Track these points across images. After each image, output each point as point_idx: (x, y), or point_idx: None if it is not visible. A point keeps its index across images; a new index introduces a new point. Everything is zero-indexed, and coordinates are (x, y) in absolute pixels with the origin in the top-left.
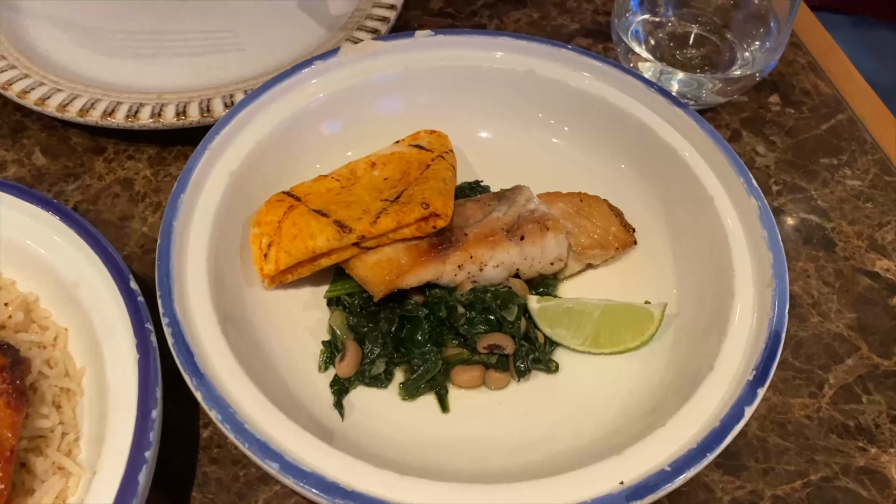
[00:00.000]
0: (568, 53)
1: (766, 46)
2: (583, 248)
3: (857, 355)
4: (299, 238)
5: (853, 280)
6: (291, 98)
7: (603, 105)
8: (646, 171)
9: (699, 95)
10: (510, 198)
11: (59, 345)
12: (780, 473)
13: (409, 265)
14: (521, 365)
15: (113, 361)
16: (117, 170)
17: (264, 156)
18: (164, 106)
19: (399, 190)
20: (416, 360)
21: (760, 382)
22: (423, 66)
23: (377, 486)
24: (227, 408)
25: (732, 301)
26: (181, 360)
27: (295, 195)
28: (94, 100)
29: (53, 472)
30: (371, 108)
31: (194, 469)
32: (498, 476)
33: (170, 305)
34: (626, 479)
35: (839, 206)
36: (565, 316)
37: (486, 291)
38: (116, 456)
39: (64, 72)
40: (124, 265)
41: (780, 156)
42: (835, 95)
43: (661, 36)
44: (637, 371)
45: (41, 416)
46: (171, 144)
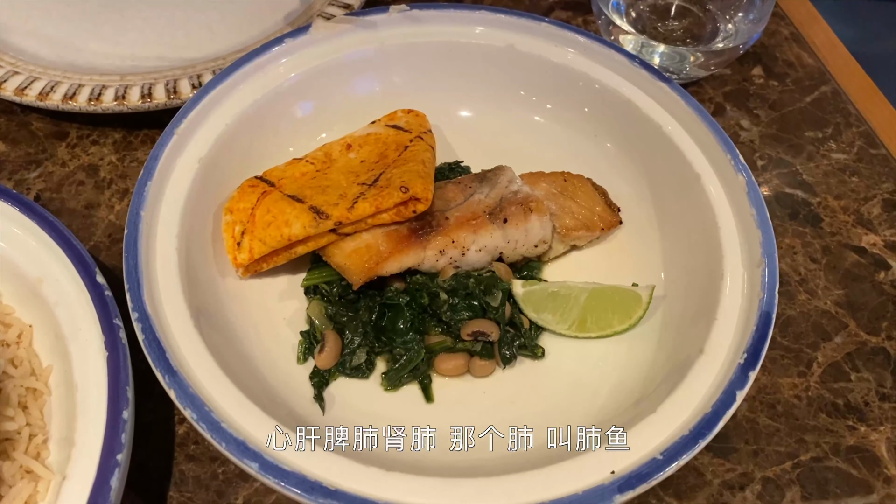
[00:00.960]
0: (548, 28)
1: (749, 18)
2: (567, 229)
3: (844, 332)
4: (274, 225)
5: (840, 256)
6: (262, 78)
7: (586, 81)
8: (630, 149)
9: (682, 69)
10: (492, 179)
11: (23, 342)
12: (770, 455)
13: (388, 251)
14: (507, 351)
15: (81, 359)
16: (81, 156)
17: (235, 139)
18: (129, 88)
19: (376, 173)
20: (398, 349)
21: (752, 366)
22: (398, 43)
23: (363, 484)
24: (202, 406)
25: (721, 282)
26: (153, 357)
27: (268, 180)
28: (53, 82)
29: (21, 477)
30: (345, 88)
31: (171, 467)
32: (486, 468)
33: (139, 300)
34: (617, 468)
35: (825, 181)
36: (551, 300)
37: (469, 277)
38: (87, 459)
39: (21, 53)
40: (90, 258)
41: (765, 129)
42: (818, 67)
43: (643, 8)
44: (625, 355)
45: (6, 418)
46: (136, 128)
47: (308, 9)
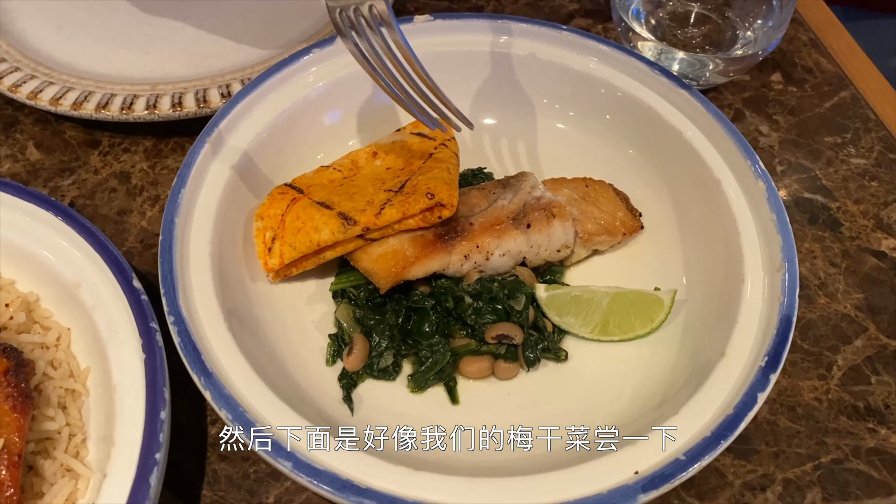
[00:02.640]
0: (569, 36)
1: (768, 24)
2: (589, 234)
3: (864, 336)
4: (303, 231)
5: (860, 260)
6: (290, 87)
7: (607, 88)
8: (651, 155)
9: (701, 76)
10: (515, 185)
11: (62, 345)
12: (790, 456)
13: (414, 256)
14: (531, 354)
15: (118, 361)
16: (113, 163)
17: (265, 147)
18: (160, 97)
19: (402, 180)
20: (424, 351)
21: (772, 368)
22: (422, 52)
23: (392, 483)
24: (236, 406)
25: (742, 286)
26: (188, 360)
27: (297, 187)
28: (87, 92)
29: (62, 475)
30: (371, 96)
31: (203, 466)
32: (511, 468)
33: (175, 303)
34: (641, 468)
35: (844, 185)
36: (573, 304)
37: (493, 281)
38: (126, 458)
39: (56, 64)
40: (126, 263)
41: (784, 135)
42: (837, 72)
43: (662, 15)
44: (648, 358)
45: (47, 419)
46: (167, 136)
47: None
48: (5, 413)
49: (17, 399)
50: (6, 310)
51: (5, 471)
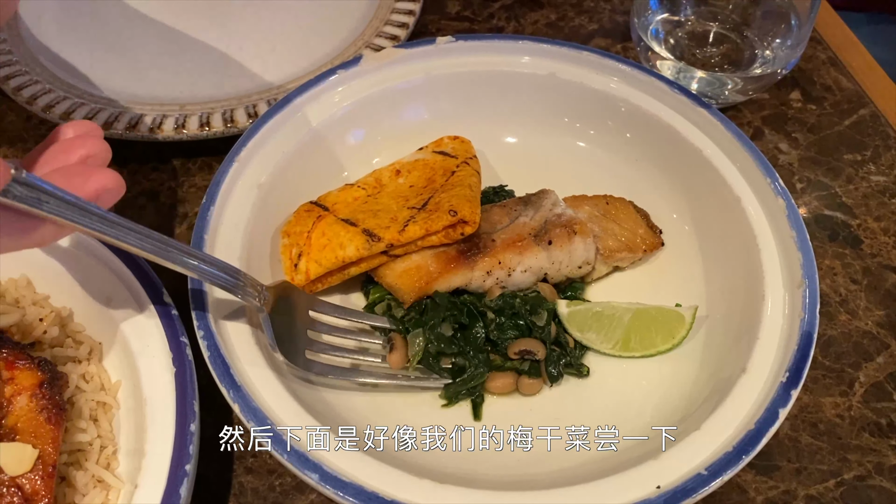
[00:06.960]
0: (589, 56)
1: (787, 44)
2: (610, 250)
3: (886, 353)
4: (329, 248)
5: (881, 277)
6: (316, 107)
7: (627, 107)
8: (671, 173)
9: (720, 94)
10: (536, 202)
11: (93, 359)
12: (812, 473)
13: (437, 272)
14: (553, 370)
15: (148, 375)
16: (142, 181)
17: (291, 166)
18: (188, 117)
19: (425, 197)
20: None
21: (794, 384)
22: (444, 73)
23: (416, 496)
24: (265, 419)
25: (763, 302)
26: (217, 373)
27: (323, 205)
28: (117, 113)
29: (94, 486)
30: (394, 116)
31: (230, 479)
32: (533, 482)
33: (204, 318)
34: (663, 483)
35: (864, 203)
36: (595, 320)
37: (515, 297)
38: (157, 469)
39: (88, 85)
40: (157, 278)
41: (804, 153)
42: (856, 90)
43: (681, 35)
44: (669, 374)
45: (79, 430)
46: (194, 155)
47: (356, 41)
48: (40, 425)
49: (52, 411)
50: (40, 324)
51: (40, 481)
